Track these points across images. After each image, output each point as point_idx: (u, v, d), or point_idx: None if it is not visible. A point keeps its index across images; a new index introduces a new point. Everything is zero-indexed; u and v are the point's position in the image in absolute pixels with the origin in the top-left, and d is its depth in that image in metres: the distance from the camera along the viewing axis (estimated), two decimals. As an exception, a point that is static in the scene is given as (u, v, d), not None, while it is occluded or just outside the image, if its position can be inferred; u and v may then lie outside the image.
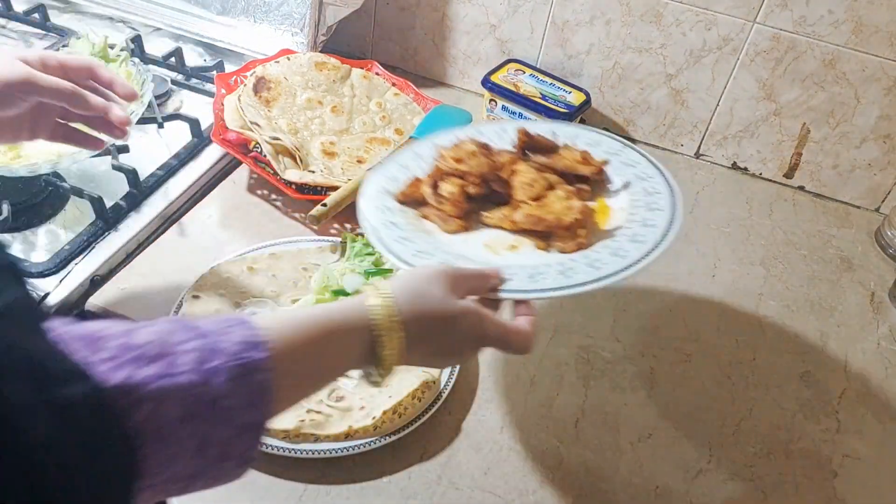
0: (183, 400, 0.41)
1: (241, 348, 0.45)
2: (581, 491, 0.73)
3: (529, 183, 0.78)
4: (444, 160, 0.79)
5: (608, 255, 0.70)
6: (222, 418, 0.43)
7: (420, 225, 0.78)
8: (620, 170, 0.83)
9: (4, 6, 1.21)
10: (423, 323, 0.56)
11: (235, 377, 0.44)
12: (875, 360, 0.93)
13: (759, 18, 1.08)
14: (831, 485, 0.78)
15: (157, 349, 0.42)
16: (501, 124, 0.90)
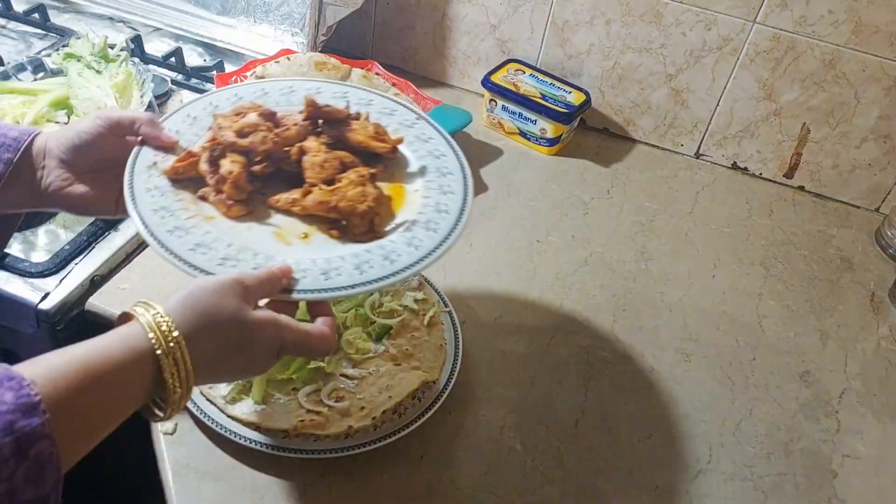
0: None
1: (14, 417, 0.40)
2: (581, 491, 0.73)
3: (321, 164, 0.71)
4: (224, 131, 0.70)
5: (404, 245, 0.67)
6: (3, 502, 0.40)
7: (198, 209, 0.68)
8: (415, 145, 0.79)
9: (4, 6, 1.21)
10: (216, 342, 0.52)
11: (13, 453, 0.40)
12: (875, 360, 0.93)
13: (759, 18, 1.08)
14: (831, 485, 0.78)
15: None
16: (289, 83, 0.82)
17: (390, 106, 0.84)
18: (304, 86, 0.83)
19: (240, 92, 0.80)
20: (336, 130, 0.77)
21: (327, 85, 0.85)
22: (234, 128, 0.72)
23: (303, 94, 0.80)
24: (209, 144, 0.71)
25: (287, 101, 0.80)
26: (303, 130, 0.75)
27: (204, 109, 0.76)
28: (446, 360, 0.80)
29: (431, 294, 0.86)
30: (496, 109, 1.19)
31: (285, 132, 0.74)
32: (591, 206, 1.10)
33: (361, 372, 0.77)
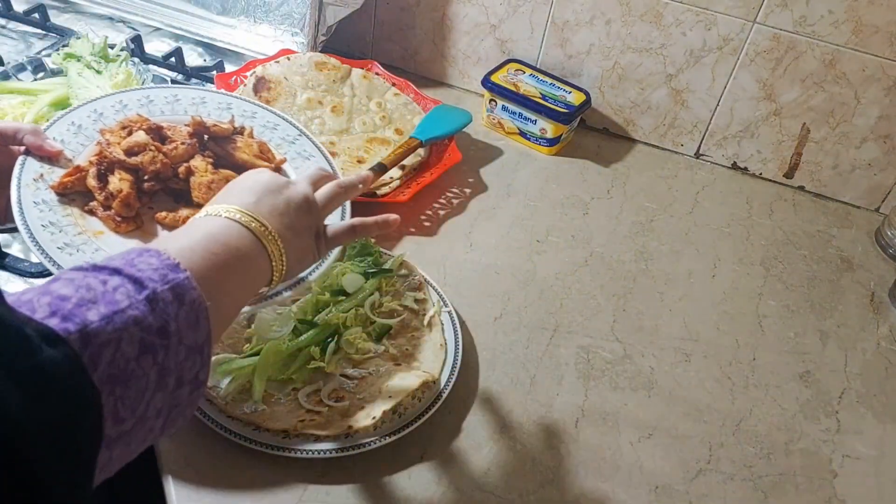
0: (135, 336, 0.41)
1: (164, 273, 0.45)
2: (581, 491, 0.73)
3: (207, 184, 0.74)
4: (112, 147, 0.72)
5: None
6: (172, 344, 0.43)
7: (86, 224, 0.69)
8: (296, 162, 0.82)
9: (4, 6, 1.21)
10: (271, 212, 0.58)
11: (173, 299, 0.44)
12: (875, 360, 0.93)
13: (759, 18, 1.08)
14: (831, 485, 0.78)
15: (89, 293, 0.41)
16: (173, 90, 0.84)
17: (273, 120, 0.87)
18: (189, 94, 0.84)
19: (124, 99, 0.81)
20: (221, 147, 0.80)
21: (211, 95, 0.87)
22: (123, 146, 0.73)
23: (187, 102, 0.83)
24: (96, 159, 0.72)
25: (171, 111, 0.82)
26: (190, 149, 0.77)
27: (88, 117, 0.77)
28: (446, 360, 0.80)
29: (431, 294, 0.86)
30: (496, 109, 1.19)
31: (173, 151, 0.76)
32: (591, 206, 1.10)
33: (361, 372, 0.77)
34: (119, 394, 0.40)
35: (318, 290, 0.83)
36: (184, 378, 0.45)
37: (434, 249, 0.98)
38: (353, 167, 1.04)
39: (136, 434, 0.42)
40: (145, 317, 0.42)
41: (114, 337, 0.40)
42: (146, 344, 0.42)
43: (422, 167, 1.08)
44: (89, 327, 0.39)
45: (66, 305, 0.39)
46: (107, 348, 0.39)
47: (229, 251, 0.53)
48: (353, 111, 1.12)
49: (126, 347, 0.40)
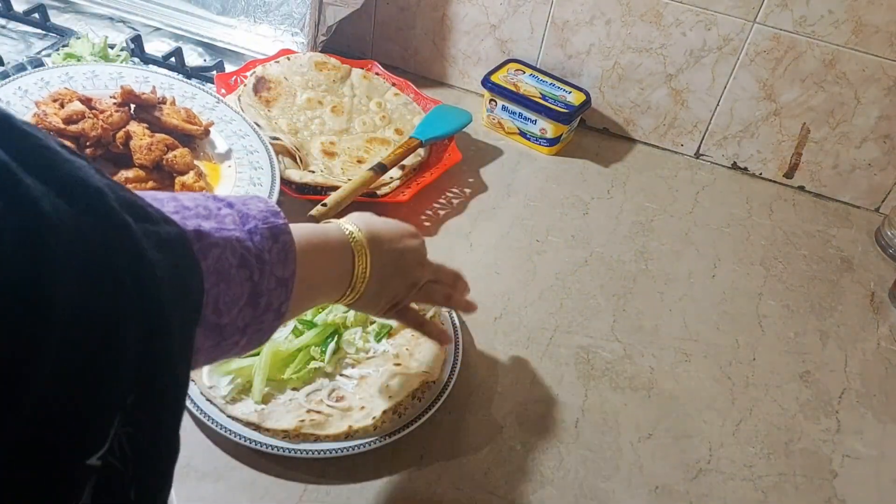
0: (237, 250, 0.48)
1: (266, 215, 0.52)
2: (581, 491, 0.73)
3: (147, 146, 0.81)
4: (50, 118, 0.76)
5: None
6: (266, 270, 0.50)
7: None
8: (219, 126, 0.90)
9: (4, 6, 1.20)
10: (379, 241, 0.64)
11: (269, 237, 0.51)
12: (875, 360, 0.93)
13: (759, 18, 1.08)
14: (831, 485, 0.78)
15: (206, 211, 0.48)
16: (91, 67, 0.91)
17: (191, 91, 0.95)
18: (107, 70, 0.92)
19: (45, 76, 0.86)
20: (149, 115, 0.86)
21: (128, 70, 0.96)
22: (62, 114, 0.79)
23: (106, 77, 0.89)
24: None
25: (93, 86, 0.88)
26: (125, 116, 0.84)
27: (14, 94, 0.82)
28: (446, 360, 0.80)
29: (431, 294, 0.86)
30: (496, 109, 1.19)
31: (110, 118, 0.82)
32: (591, 206, 1.10)
33: (361, 372, 0.77)
34: (221, 288, 0.46)
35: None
36: (272, 304, 0.51)
37: (434, 249, 0.97)
38: (353, 167, 1.04)
39: (226, 335, 0.48)
40: (245, 240, 0.49)
41: (220, 242, 0.47)
42: (245, 259, 0.48)
43: (422, 167, 1.08)
44: (202, 228, 0.46)
45: (187, 212, 0.47)
46: (215, 248, 0.46)
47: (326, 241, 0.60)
48: (353, 111, 1.12)
49: (229, 255, 0.47)
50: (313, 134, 1.07)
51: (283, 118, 1.06)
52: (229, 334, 0.49)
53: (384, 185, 1.02)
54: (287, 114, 1.07)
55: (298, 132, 1.06)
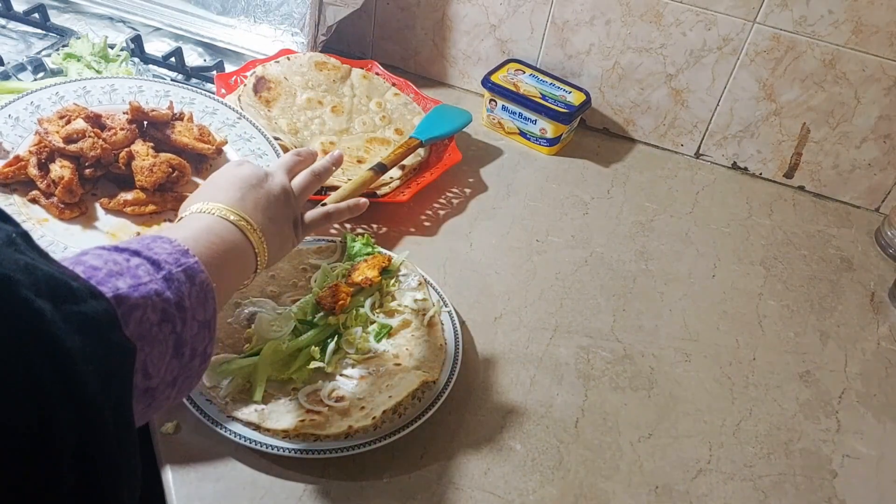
0: (157, 305, 0.46)
1: (177, 257, 0.50)
2: (581, 491, 0.73)
3: (150, 168, 0.77)
4: (50, 136, 0.73)
5: None
6: (188, 318, 0.49)
7: (29, 212, 0.71)
8: (237, 144, 0.87)
9: (4, 6, 1.20)
10: (250, 203, 0.63)
11: (186, 280, 0.49)
12: (875, 360, 0.93)
13: (759, 18, 1.08)
14: (831, 485, 0.78)
15: (117, 266, 0.46)
16: (110, 81, 0.87)
17: (212, 105, 0.90)
18: (126, 84, 0.87)
19: (61, 90, 0.82)
20: (160, 132, 0.82)
21: (149, 83, 0.91)
22: (62, 133, 0.74)
23: (124, 91, 0.85)
24: (36, 149, 0.73)
25: (109, 100, 0.84)
26: (130, 135, 0.79)
27: (25, 109, 0.78)
28: (446, 360, 0.80)
29: (431, 294, 0.86)
30: (496, 109, 1.19)
31: (113, 137, 0.77)
32: (591, 206, 1.10)
33: (361, 372, 0.77)
34: (147, 351, 0.45)
35: (318, 290, 0.83)
36: (196, 350, 0.50)
37: (434, 249, 0.98)
38: (353, 167, 1.04)
39: (158, 396, 0.47)
40: (164, 291, 0.47)
41: (140, 302, 0.45)
42: (167, 313, 0.47)
43: (422, 167, 1.08)
44: (120, 291, 0.44)
45: (98, 274, 0.44)
46: (136, 311, 0.44)
47: (224, 243, 0.59)
48: (353, 111, 1.12)
49: (150, 313, 0.45)
50: (313, 134, 1.07)
51: (283, 118, 1.06)
52: (160, 392, 0.47)
53: (384, 185, 1.02)
54: (287, 114, 1.07)
55: (298, 132, 1.06)
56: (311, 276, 0.86)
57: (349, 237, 0.90)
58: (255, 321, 0.78)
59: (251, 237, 0.62)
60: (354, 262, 0.87)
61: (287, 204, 0.68)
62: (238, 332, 0.79)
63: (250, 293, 0.83)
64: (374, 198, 1.00)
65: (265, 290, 0.84)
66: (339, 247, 0.91)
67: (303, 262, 0.88)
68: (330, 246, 0.91)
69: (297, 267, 0.87)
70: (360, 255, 0.88)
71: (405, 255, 0.89)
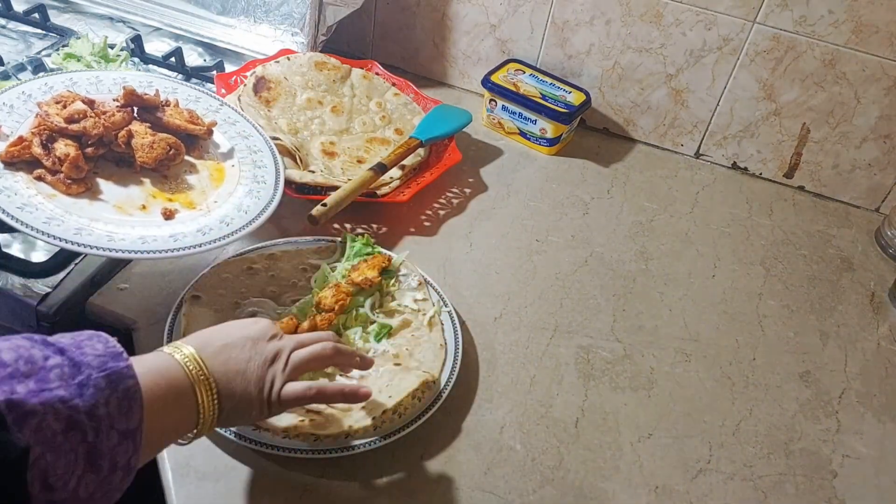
0: (61, 413, 0.43)
1: (104, 360, 0.47)
2: (581, 491, 0.73)
3: (150, 145, 0.82)
4: (51, 117, 0.77)
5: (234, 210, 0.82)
6: (103, 427, 0.46)
7: (37, 189, 0.75)
8: (223, 127, 0.92)
9: (4, 6, 1.21)
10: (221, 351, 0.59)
11: (106, 387, 0.46)
12: (875, 360, 0.93)
13: (759, 18, 1.08)
14: (831, 485, 0.78)
15: (27, 366, 0.44)
16: (95, 73, 0.92)
17: (194, 94, 0.96)
18: (110, 76, 0.92)
19: (49, 81, 0.87)
20: (152, 115, 0.87)
21: (132, 74, 0.97)
22: (64, 114, 0.79)
23: (109, 83, 0.90)
24: (37, 129, 0.78)
25: (96, 90, 0.89)
26: (127, 116, 0.84)
27: (18, 98, 0.83)
28: (446, 360, 0.80)
29: (431, 294, 0.86)
30: (496, 109, 1.19)
31: (112, 118, 0.82)
32: (591, 206, 1.10)
33: (361, 372, 0.77)
34: (49, 460, 0.42)
35: (318, 290, 0.83)
36: (117, 463, 0.47)
37: (434, 249, 0.98)
38: (353, 167, 1.04)
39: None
40: (72, 397, 0.44)
41: (38, 409, 0.42)
42: (73, 421, 0.44)
43: (422, 167, 1.08)
44: (14, 397, 0.42)
45: (1, 372, 0.42)
46: (31, 417, 0.42)
47: (162, 377, 0.54)
48: (353, 111, 1.12)
49: (52, 421, 0.43)
50: (313, 134, 1.07)
51: (283, 118, 1.06)
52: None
53: (384, 185, 1.02)
54: (287, 114, 1.07)
55: (298, 132, 1.06)
56: (311, 276, 0.86)
57: (349, 237, 0.90)
58: (255, 321, 0.78)
59: (197, 386, 0.56)
60: (354, 262, 0.87)
61: (266, 369, 0.61)
62: (238, 332, 0.79)
63: (250, 293, 0.83)
64: (374, 198, 1.00)
65: (265, 290, 0.84)
66: (339, 247, 0.91)
67: (303, 262, 0.88)
68: (330, 246, 0.91)
69: (297, 267, 0.87)
70: (360, 255, 0.88)
71: (405, 255, 0.89)
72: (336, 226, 0.97)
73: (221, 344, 0.60)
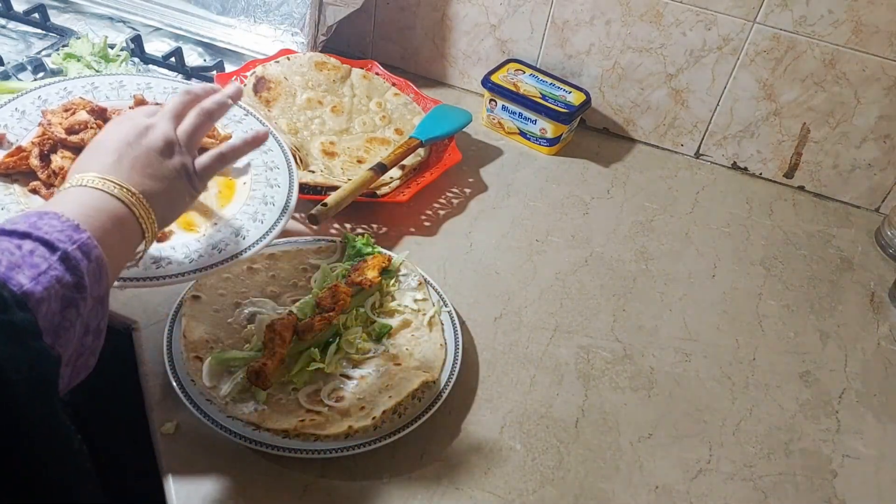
0: (59, 293, 0.44)
1: (69, 234, 0.48)
2: (581, 491, 0.73)
3: None
4: (53, 127, 0.74)
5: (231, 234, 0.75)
6: (86, 297, 0.47)
7: (29, 202, 0.71)
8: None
9: (4, 6, 1.21)
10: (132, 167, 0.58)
11: (81, 258, 0.47)
12: (875, 360, 0.93)
13: (759, 18, 1.08)
14: (831, 485, 0.78)
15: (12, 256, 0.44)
16: (118, 77, 0.87)
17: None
18: (134, 80, 0.86)
19: (69, 86, 0.82)
20: None
21: (157, 80, 0.89)
22: (65, 125, 0.74)
23: (132, 88, 0.85)
24: (38, 140, 0.73)
25: (117, 96, 0.84)
26: None
27: (32, 104, 0.78)
28: (446, 360, 0.80)
29: (431, 294, 0.86)
30: (496, 109, 1.19)
31: None
32: (591, 206, 1.10)
33: (361, 372, 0.77)
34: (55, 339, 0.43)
35: (318, 291, 0.83)
36: (90, 326, 0.48)
37: (434, 249, 0.98)
38: (353, 167, 1.04)
39: (67, 376, 0.46)
40: (63, 275, 0.45)
41: (44, 295, 0.43)
42: (67, 299, 0.45)
43: (422, 167, 1.08)
44: (25, 288, 0.42)
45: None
46: (41, 304, 0.43)
47: (102, 215, 0.54)
48: (353, 111, 1.12)
49: (54, 304, 0.44)
50: (313, 134, 1.07)
51: (283, 118, 1.06)
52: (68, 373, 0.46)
53: (384, 185, 1.02)
54: (287, 114, 1.07)
55: (298, 132, 1.06)
56: (311, 276, 0.86)
57: (349, 237, 0.90)
58: (255, 321, 0.78)
59: (129, 204, 0.56)
60: (354, 262, 0.87)
61: (171, 155, 0.62)
62: (238, 332, 0.79)
63: (250, 293, 0.83)
64: (374, 198, 1.00)
65: (265, 290, 0.84)
66: (339, 247, 0.91)
67: (303, 262, 0.88)
68: (330, 246, 0.91)
69: (297, 267, 0.87)
70: (360, 255, 0.88)
71: (405, 255, 0.89)
72: (336, 226, 0.97)
73: (115, 156, 0.59)
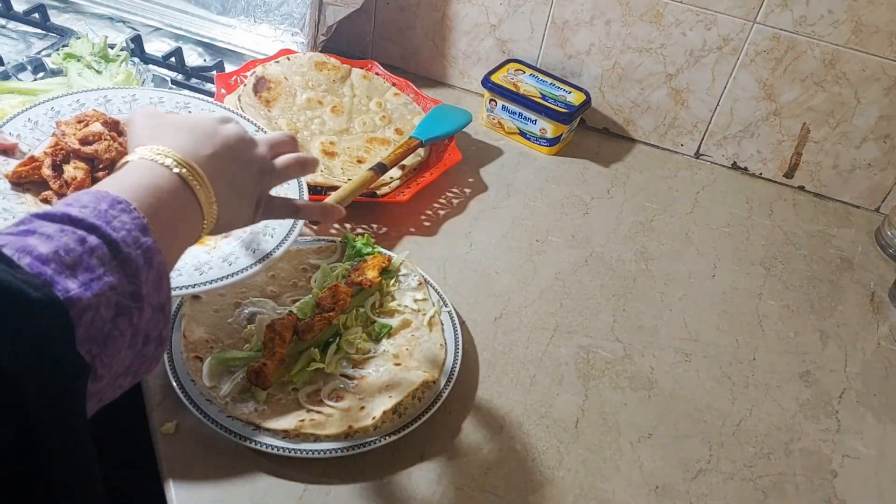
0: (111, 300, 0.43)
1: (135, 236, 0.46)
2: (581, 491, 0.73)
3: None
4: (67, 138, 0.73)
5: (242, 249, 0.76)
6: (142, 306, 0.45)
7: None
8: None
9: (4, 6, 1.20)
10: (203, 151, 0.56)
11: (143, 266, 0.45)
12: (875, 360, 0.93)
13: (759, 18, 1.08)
14: (831, 485, 0.78)
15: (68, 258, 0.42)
16: (131, 91, 0.86)
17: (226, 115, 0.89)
18: (147, 94, 0.87)
19: (82, 98, 0.82)
20: None
21: (170, 94, 0.90)
22: (79, 135, 0.74)
23: (145, 101, 0.85)
24: (51, 150, 0.73)
25: (129, 109, 0.84)
26: None
27: (45, 114, 0.78)
28: (446, 360, 0.80)
29: (431, 294, 0.86)
30: (496, 109, 1.19)
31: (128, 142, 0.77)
32: (591, 206, 1.10)
33: (361, 372, 0.77)
34: (96, 353, 0.42)
35: (318, 291, 0.83)
36: (150, 336, 0.47)
37: (434, 249, 0.98)
38: (353, 167, 1.04)
39: (106, 389, 0.44)
40: (119, 281, 0.43)
41: (93, 303, 0.41)
42: (121, 307, 0.43)
43: (422, 167, 1.08)
44: (71, 294, 0.40)
45: (47, 269, 0.40)
46: (86, 313, 0.41)
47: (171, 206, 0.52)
48: (353, 111, 1.12)
49: (104, 311, 0.42)
50: (313, 134, 1.07)
51: (283, 118, 1.06)
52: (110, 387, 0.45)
53: (384, 185, 1.02)
54: (287, 114, 1.07)
55: (298, 132, 1.06)
56: (311, 276, 0.86)
57: (349, 237, 0.90)
58: (255, 321, 0.78)
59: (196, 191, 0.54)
60: (354, 262, 0.87)
61: (258, 180, 0.61)
62: (238, 332, 0.79)
63: (250, 293, 0.83)
64: (374, 198, 1.00)
65: (265, 290, 0.84)
66: (339, 247, 0.91)
67: (303, 262, 0.88)
68: (330, 246, 0.91)
69: (297, 267, 0.87)
70: (359, 255, 0.88)
71: (405, 255, 0.89)
72: (336, 226, 0.97)
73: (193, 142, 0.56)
